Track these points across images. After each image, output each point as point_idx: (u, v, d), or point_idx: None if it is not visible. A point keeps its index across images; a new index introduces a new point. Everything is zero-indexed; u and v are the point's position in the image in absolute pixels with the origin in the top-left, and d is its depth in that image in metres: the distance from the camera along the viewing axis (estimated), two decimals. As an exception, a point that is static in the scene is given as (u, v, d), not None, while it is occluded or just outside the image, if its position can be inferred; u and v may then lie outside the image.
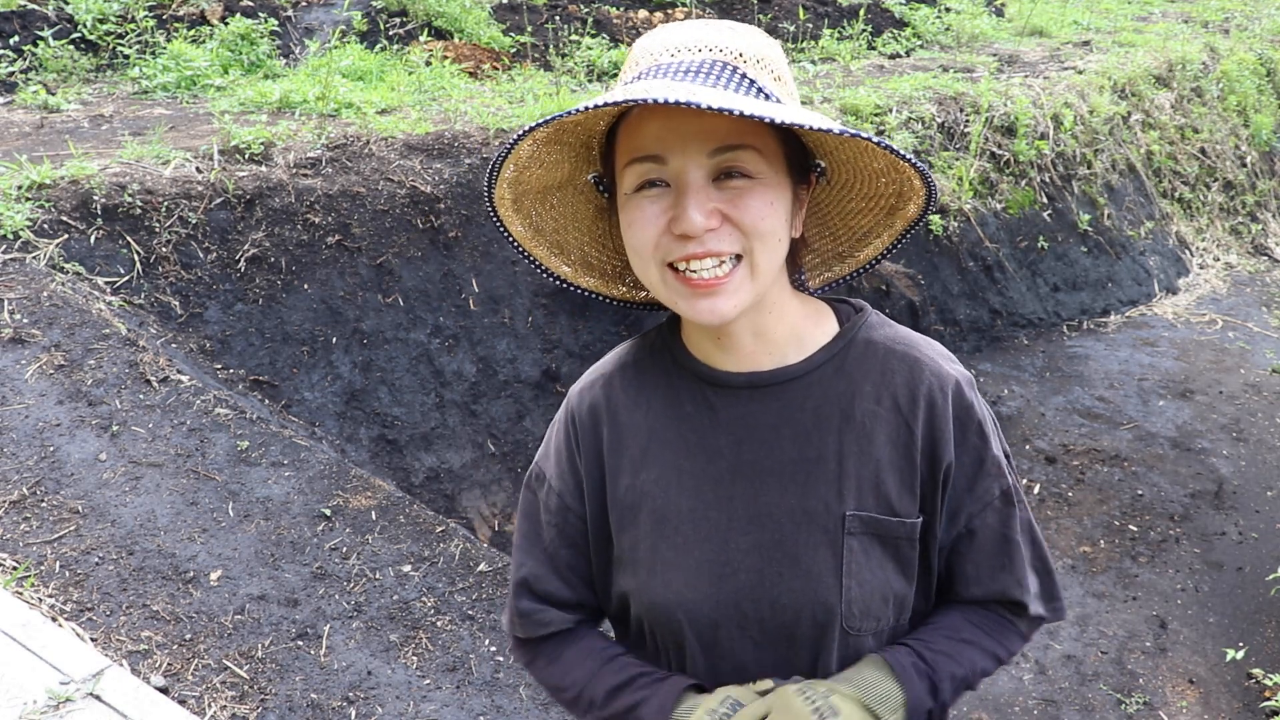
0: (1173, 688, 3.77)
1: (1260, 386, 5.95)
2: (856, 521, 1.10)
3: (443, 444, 4.30)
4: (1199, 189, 8.27)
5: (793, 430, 1.12)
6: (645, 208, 1.02)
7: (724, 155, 1.00)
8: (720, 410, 1.14)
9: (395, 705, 2.57)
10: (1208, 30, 10.29)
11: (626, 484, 1.17)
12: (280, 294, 4.15)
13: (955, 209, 6.26)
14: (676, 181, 1.01)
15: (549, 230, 1.20)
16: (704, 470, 1.14)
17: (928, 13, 9.38)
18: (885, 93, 6.58)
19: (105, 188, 4.00)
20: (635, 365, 1.21)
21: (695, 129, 0.99)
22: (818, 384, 1.13)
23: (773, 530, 1.11)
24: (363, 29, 7.10)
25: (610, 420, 1.19)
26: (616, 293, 1.27)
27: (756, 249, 1.02)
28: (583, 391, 1.23)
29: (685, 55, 1.02)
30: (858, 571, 1.10)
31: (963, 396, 1.13)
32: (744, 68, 1.02)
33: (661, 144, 1.00)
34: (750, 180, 1.01)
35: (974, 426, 1.13)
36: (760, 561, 1.11)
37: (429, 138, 4.89)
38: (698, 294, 1.02)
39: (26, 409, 3.20)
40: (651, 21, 8.12)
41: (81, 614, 2.61)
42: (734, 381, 1.14)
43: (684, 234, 1.00)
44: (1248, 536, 4.62)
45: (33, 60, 6.06)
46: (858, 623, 1.11)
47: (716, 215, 1.00)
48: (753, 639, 1.13)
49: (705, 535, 1.13)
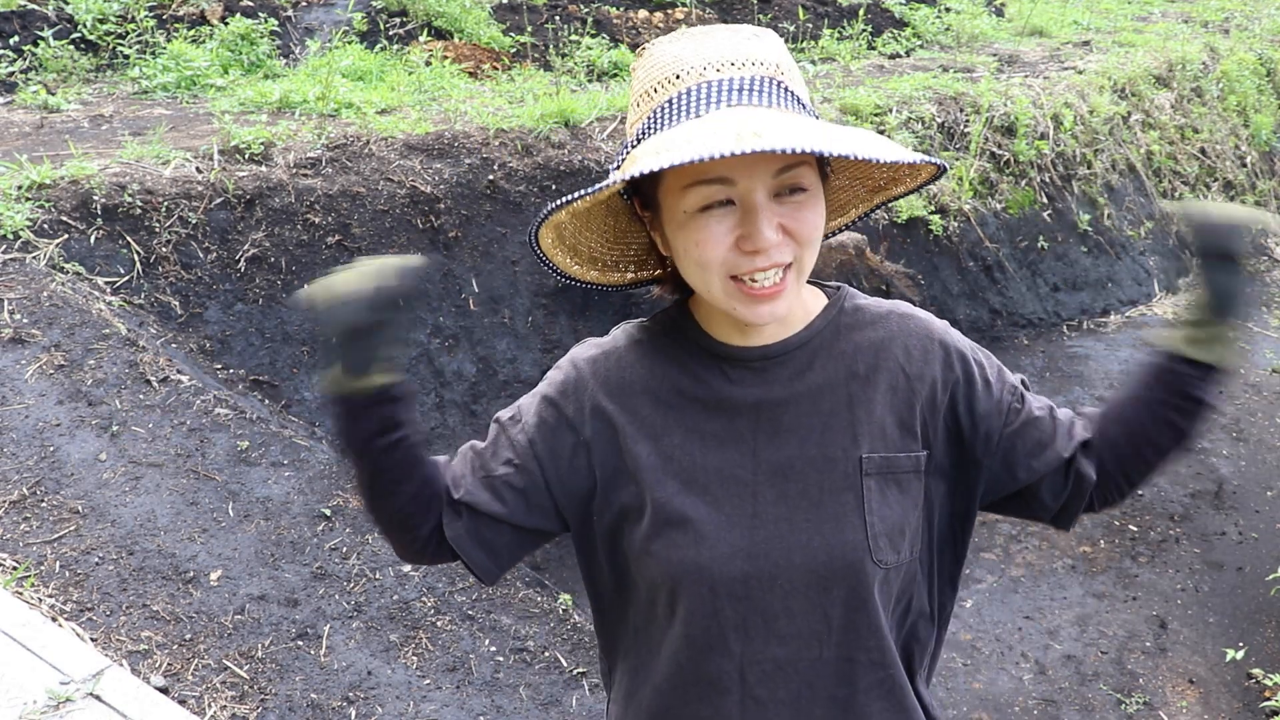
0: (1173, 688, 3.77)
1: (1260, 386, 5.95)
2: (871, 463, 1.18)
3: (443, 444, 4.30)
4: (1199, 189, 8.27)
5: (805, 388, 1.19)
6: (712, 227, 1.07)
7: (787, 174, 1.06)
8: (735, 379, 1.20)
9: (395, 705, 2.57)
10: (1208, 30, 10.29)
11: (649, 449, 1.20)
12: (280, 294, 4.15)
13: (955, 209, 6.26)
14: (744, 201, 1.06)
15: (569, 234, 1.24)
16: (726, 429, 1.19)
17: (928, 13, 9.38)
18: (885, 93, 6.58)
19: (105, 188, 4.00)
20: (650, 341, 1.25)
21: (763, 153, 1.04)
22: (822, 347, 1.21)
23: (797, 480, 1.17)
24: (363, 29, 7.10)
25: (624, 387, 1.23)
26: (611, 280, 1.32)
27: (805, 255, 1.10)
28: (593, 358, 1.25)
29: (731, 72, 1.07)
30: (878, 508, 1.17)
31: (948, 335, 1.24)
32: (786, 81, 1.09)
33: (729, 168, 1.04)
34: (806, 194, 1.08)
35: (969, 357, 1.24)
36: (789, 510, 1.17)
37: (429, 138, 4.89)
38: (759, 301, 1.09)
39: (26, 409, 3.20)
40: (651, 21, 8.12)
41: (81, 614, 2.61)
42: (748, 355, 1.20)
43: (755, 249, 1.06)
44: (1248, 536, 4.62)
45: (33, 60, 6.06)
46: (884, 555, 1.18)
47: (779, 229, 1.07)
48: (783, 588, 1.17)
49: (734, 491, 1.18)
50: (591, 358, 1.25)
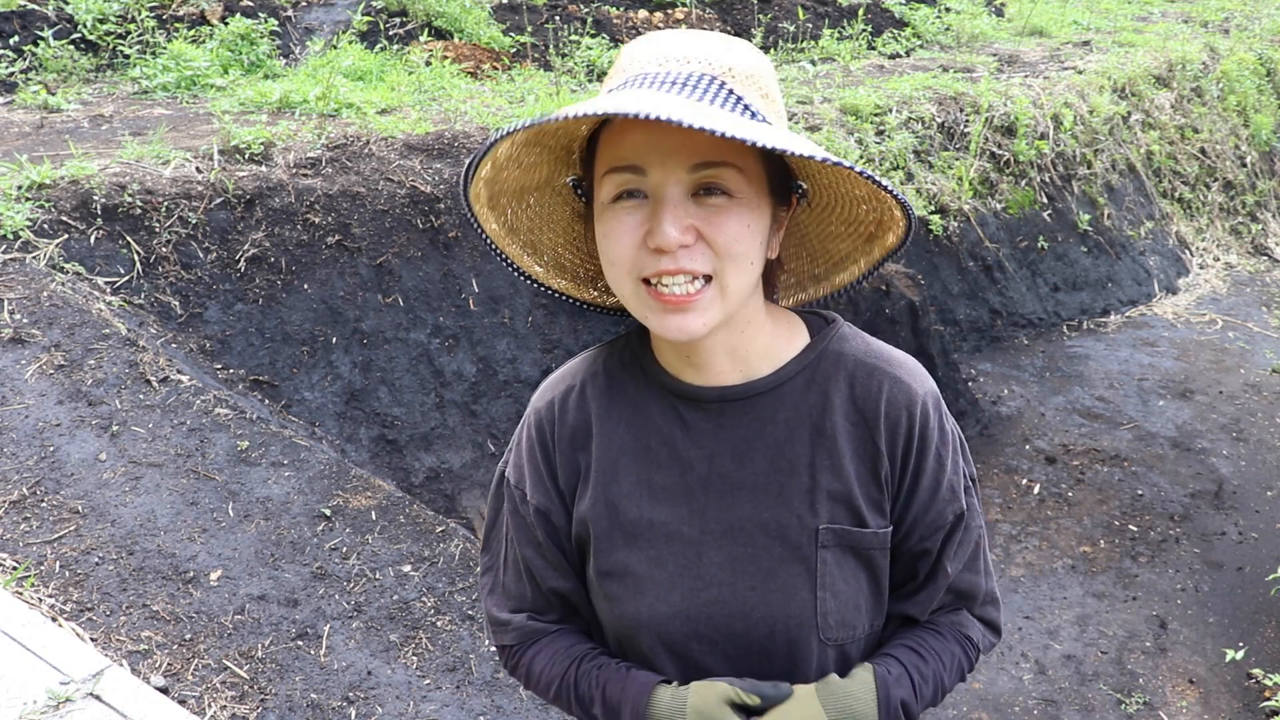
0: (1173, 688, 3.77)
1: (1260, 386, 5.95)
2: (830, 534, 1.10)
3: (443, 444, 4.30)
4: (1199, 189, 8.27)
5: (764, 443, 1.11)
6: (622, 219, 1.01)
7: (704, 172, 0.98)
8: (691, 424, 1.13)
9: (395, 705, 2.57)
10: (1208, 30, 10.29)
11: (596, 497, 1.16)
12: (280, 294, 4.15)
13: (955, 209, 6.26)
14: (654, 194, 1.00)
15: (524, 229, 1.18)
16: (676, 483, 1.13)
17: (928, 13, 9.38)
18: (885, 93, 6.58)
19: (105, 188, 4.00)
20: (606, 375, 1.19)
21: (676, 143, 0.98)
22: (789, 396, 1.12)
23: (745, 544, 1.11)
24: (363, 29, 7.11)
25: (583, 432, 1.18)
26: (587, 296, 1.26)
27: (728, 271, 1.01)
28: (553, 403, 1.20)
29: (673, 66, 1.00)
30: (832, 584, 1.10)
31: (927, 416, 1.12)
32: (732, 83, 1.00)
33: (642, 156, 0.99)
34: (729, 199, 0.99)
35: (933, 449, 1.13)
36: (733, 575, 1.11)
37: (429, 138, 4.89)
38: (668, 310, 1.01)
39: (26, 409, 3.20)
40: (651, 21, 8.12)
41: (81, 614, 2.61)
42: (704, 395, 1.12)
43: (658, 248, 0.98)
44: (1248, 536, 4.62)
45: (33, 60, 6.06)
46: (834, 633, 1.12)
47: (692, 231, 0.99)
48: (725, 653, 1.13)
49: (678, 550, 1.12)
50: (548, 404, 1.20)
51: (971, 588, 1.20)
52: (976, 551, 1.19)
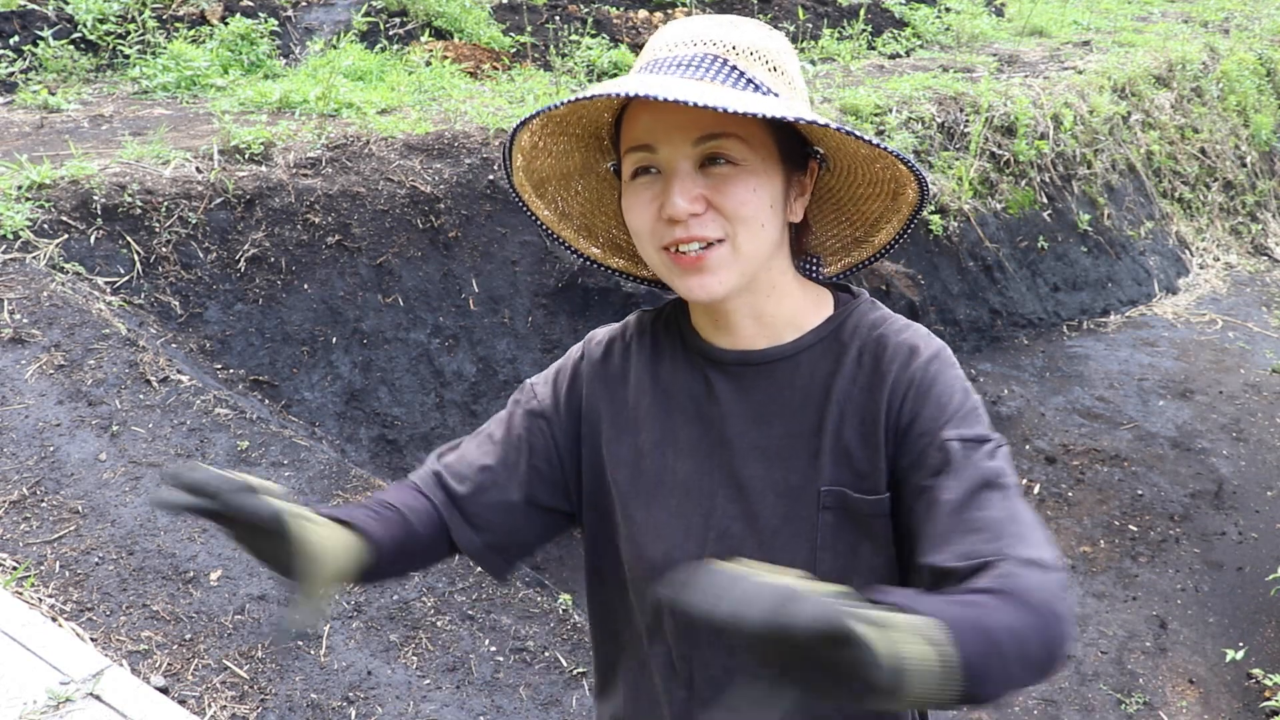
0: (1173, 688, 3.77)
1: (1260, 386, 5.95)
2: (830, 496, 1.13)
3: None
4: (1199, 189, 8.27)
5: (780, 407, 1.16)
6: (641, 193, 1.09)
7: (708, 144, 1.05)
8: (714, 385, 1.19)
9: (395, 705, 2.57)
10: (1208, 30, 10.29)
11: (629, 442, 1.22)
12: (280, 294, 4.15)
13: (955, 209, 6.26)
14: (665, 169, 1.07)
15: (576, 214, 1.28)
16: (699, 438, 1.19)
17: (928, 13, 9.38)
18: (885, 93, 6.57)
19: (105, 188, 3.99)
20: (651, 333, 1.27)
21: (680, 120, 1.05)
22: (806, 364, 1.16)
23: (756, 501, 1.15)
24: (363, 29, 7.11)
25: (618, 379, 1.25)
26: (644, 273, 1.33)
27: (740, 233, 1.07)
28: (602, 343, 1.29)
29: (681, 50, 1.08)
30: (831, 544, 1.13)
31: (928, 363, 1.10)
32: (734, 60, 1.07)
33: (652, 134, 1.06)
34: (734, 167, 1.06)
35: (933, 395, 1.09)
36: (743, 530, 1.16)
37: (429, 138, 4.89)
38: (688, 271, 1.08)
39: (26, 409, 3.20)
40: (651, 21, 8.12)
41: (81, 614, 2.61)
42: (727, 359, 1.18)
43: (671, 218, 1.06)
44: (1248, 536, 4.62)
45: (33, 60, 6.06)
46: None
47: (701, 201, 1.06)
48: None
49: (696, 501, 1.18)
50: (597, 343, 1.29)
51: (988, 524, 1.00)
52: (989, 488, 1.04)
